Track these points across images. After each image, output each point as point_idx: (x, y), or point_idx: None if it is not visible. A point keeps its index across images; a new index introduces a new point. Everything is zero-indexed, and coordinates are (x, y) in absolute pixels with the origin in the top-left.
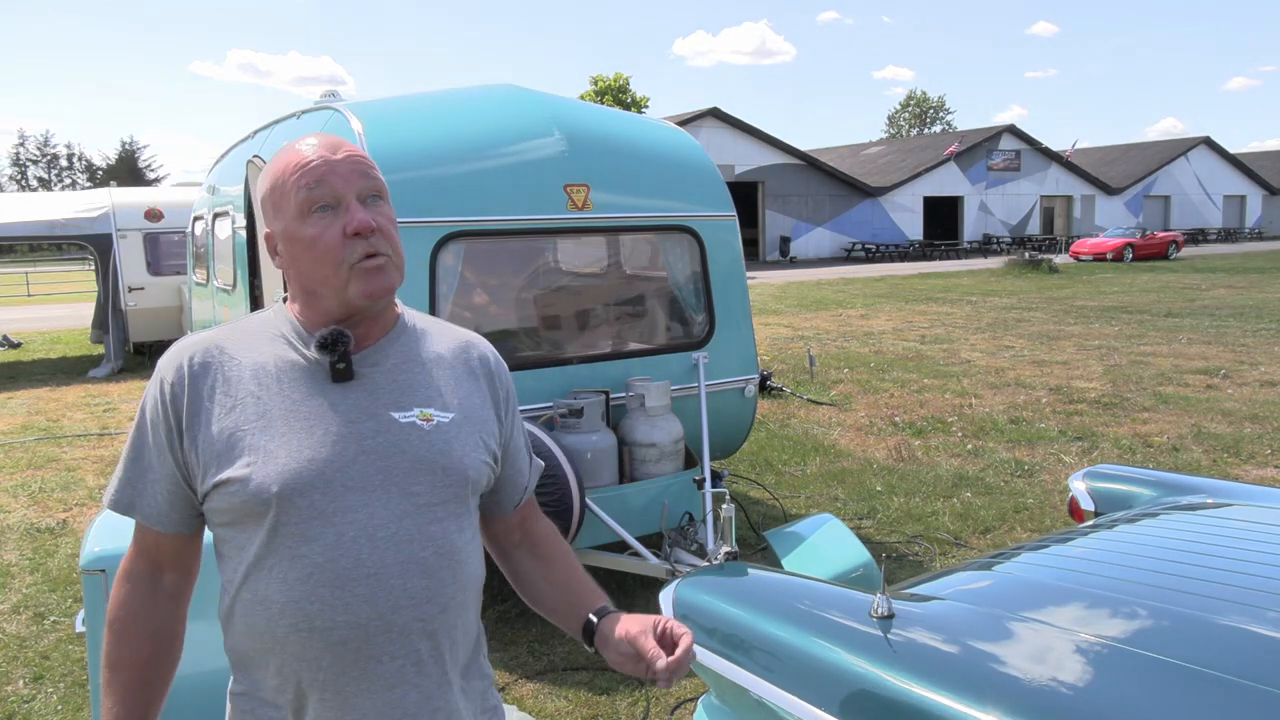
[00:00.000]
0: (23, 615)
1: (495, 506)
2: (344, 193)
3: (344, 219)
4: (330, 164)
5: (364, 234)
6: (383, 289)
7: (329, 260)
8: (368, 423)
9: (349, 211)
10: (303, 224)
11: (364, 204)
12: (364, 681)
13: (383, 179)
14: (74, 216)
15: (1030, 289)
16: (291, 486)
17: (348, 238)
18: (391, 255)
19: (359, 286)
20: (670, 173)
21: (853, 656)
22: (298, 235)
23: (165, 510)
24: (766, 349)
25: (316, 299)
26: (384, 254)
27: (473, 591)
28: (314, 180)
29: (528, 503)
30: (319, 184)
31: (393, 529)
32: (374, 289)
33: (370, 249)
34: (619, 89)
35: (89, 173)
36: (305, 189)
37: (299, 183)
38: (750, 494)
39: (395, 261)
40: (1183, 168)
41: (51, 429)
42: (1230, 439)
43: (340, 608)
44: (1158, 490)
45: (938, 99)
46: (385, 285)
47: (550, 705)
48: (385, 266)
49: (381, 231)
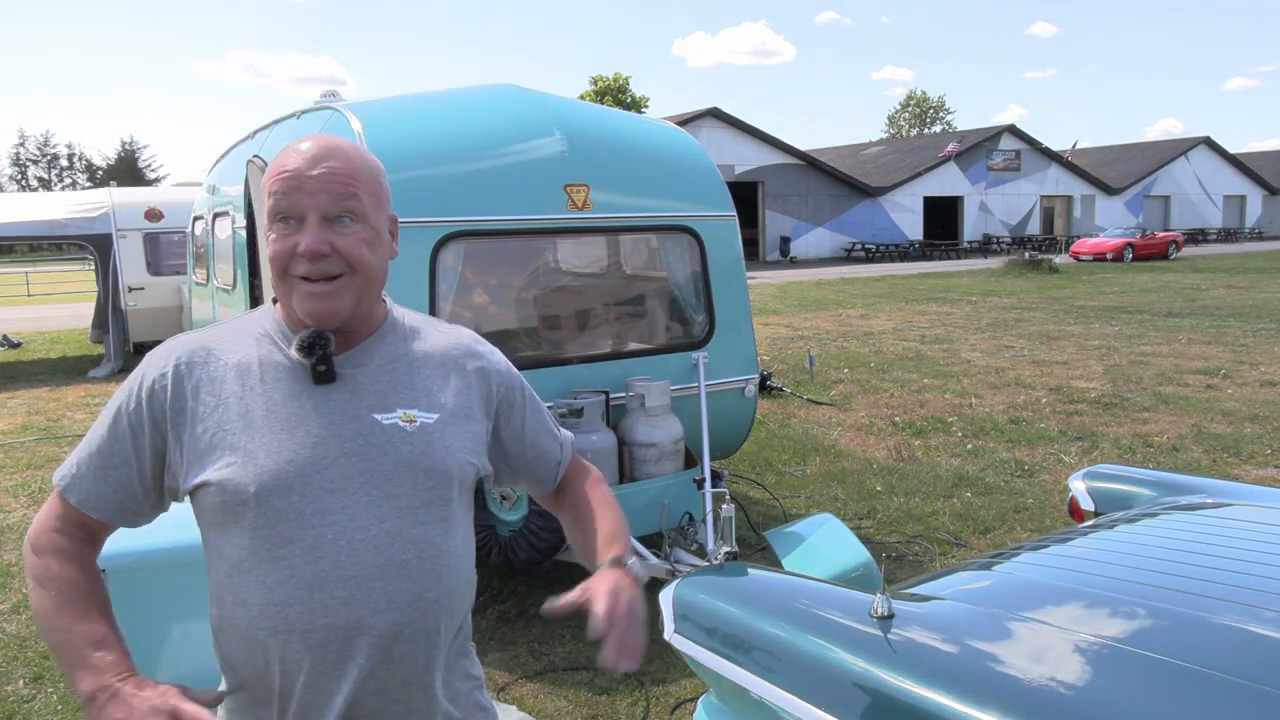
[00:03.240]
0: (23, 615)
1: (532, 487)
2: (306, 209)
3: (298, 237)
4: (301, 178)
5: (310, 258)
6: (325, 313)
7: (276, 267)
8: (349, 424)
9: (306, 231)
10: (270, 227)
11: (329, 223)
12: (344, 683)
13: (363, 196)
14: (74, 216)
15: (1030, 289)
16: (269, 488)
17: (297, 254)
18: (350, 276)
19: (302, 305)
20: (670, 173)
21: (853, 656)
22: (267, 236)
23: (107, 497)
24: (766, 349)
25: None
26: (335, 276)
27: (459, 594)
28: (282, 191)
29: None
30: (285, 195)
31: (373, 531)
32: (315, 310)
33: (314, 272)
34: (619, 89)
35: (89, 173)
36: (275, 195)
37: (271, 188)
38: (750, 494)
39: (354, 283)
40: (1183, 168)
41: (51, 429)
42: (1230, 439)
43: (319, 610)
44: (1158, 490)
45: (938, 99)
46: (327, 309)
47: (550, 705)
48: (331, 292)
49: (342, 254)
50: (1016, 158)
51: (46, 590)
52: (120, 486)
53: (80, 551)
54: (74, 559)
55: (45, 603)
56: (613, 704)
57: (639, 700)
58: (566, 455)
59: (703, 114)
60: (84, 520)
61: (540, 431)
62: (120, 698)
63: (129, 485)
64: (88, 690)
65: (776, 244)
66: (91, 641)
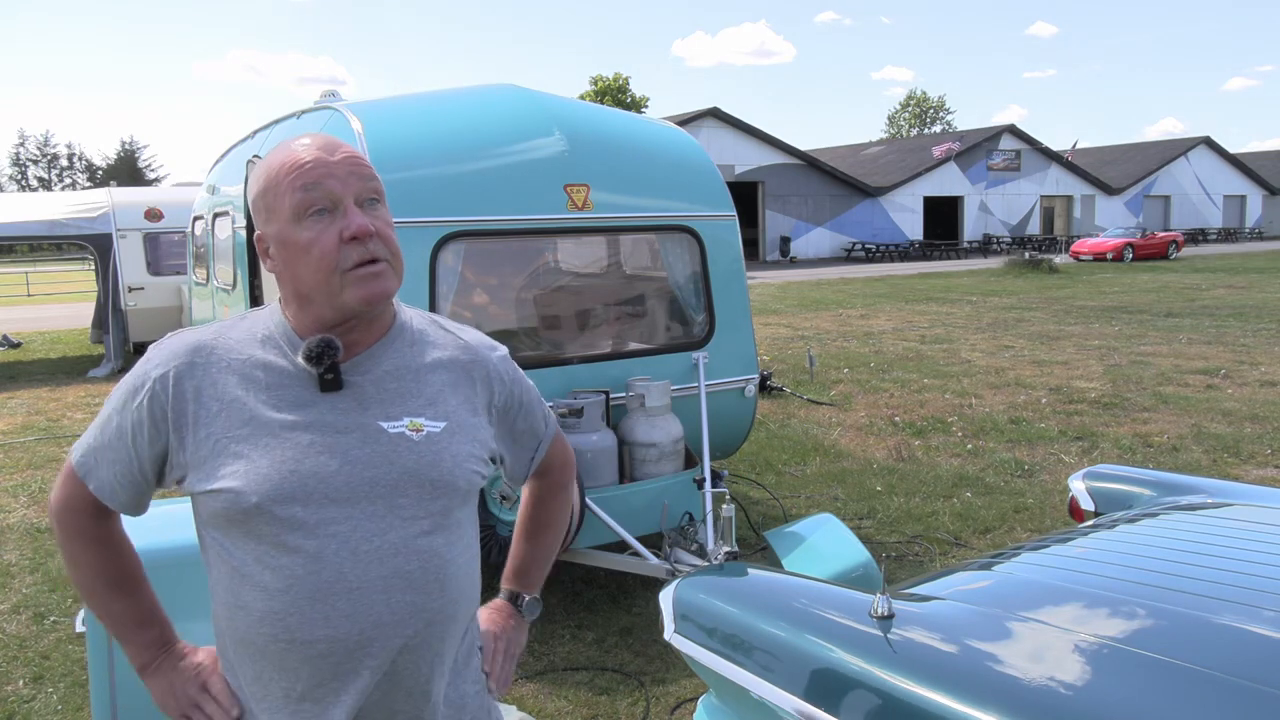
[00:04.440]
0: (23, 615)
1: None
2: (342, 195)
3: (341, 223)
4: (327, 165)
5: (362, 239)
6: (380, 295)
7: (324, 266)
8: (355, 433)
9: (346, 215)
10: (297, 227)
11: (361, 208)
12: (342, 694)
13: (381, 181)
14: (74, 216)
15: (1030, 289)
16: (272, 498)
17: (344, 242)
18: (390, 260)
19: (356, 292)
20: (670, 173)
21: (852, 656)
22: (292, 239)
23: (115, 489)
24: (766, 349)
25: (309, 304)
26: (382, 259)
27: (463, 605)
28: (310, 182)
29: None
30: (315, 186)
31: (377, 543)
32: (371, 294)
33: (368, 254)
34: (619, 89)
35: (89, 173)
36: (301, 190)
37: (294, 184)
38: (750, 494)
39: (394, 266)
40: (1183, 168)
41: (51, 429)
42: (1230, 439)
43: (321, 622)
44: (1157, 490)
45: (938, 99)
46: (383, 291)
47: (550, 705)
48: (383, 273)
49: (380, 236)
50: (1016, 158)
51: (80, 571)
52: (127, 479)
53: (102, 531)
54: (97, 540)
55: (83, 583)
56: (613, 704)
57: (639, 700)
58: (543, 450)
59: (703, 114)
60: (99, 502)
61: (525, 433)
62: (161, 672)
63: (136, 483)
64: (137, 664)
65: (776, 244)
66: (131, 619)
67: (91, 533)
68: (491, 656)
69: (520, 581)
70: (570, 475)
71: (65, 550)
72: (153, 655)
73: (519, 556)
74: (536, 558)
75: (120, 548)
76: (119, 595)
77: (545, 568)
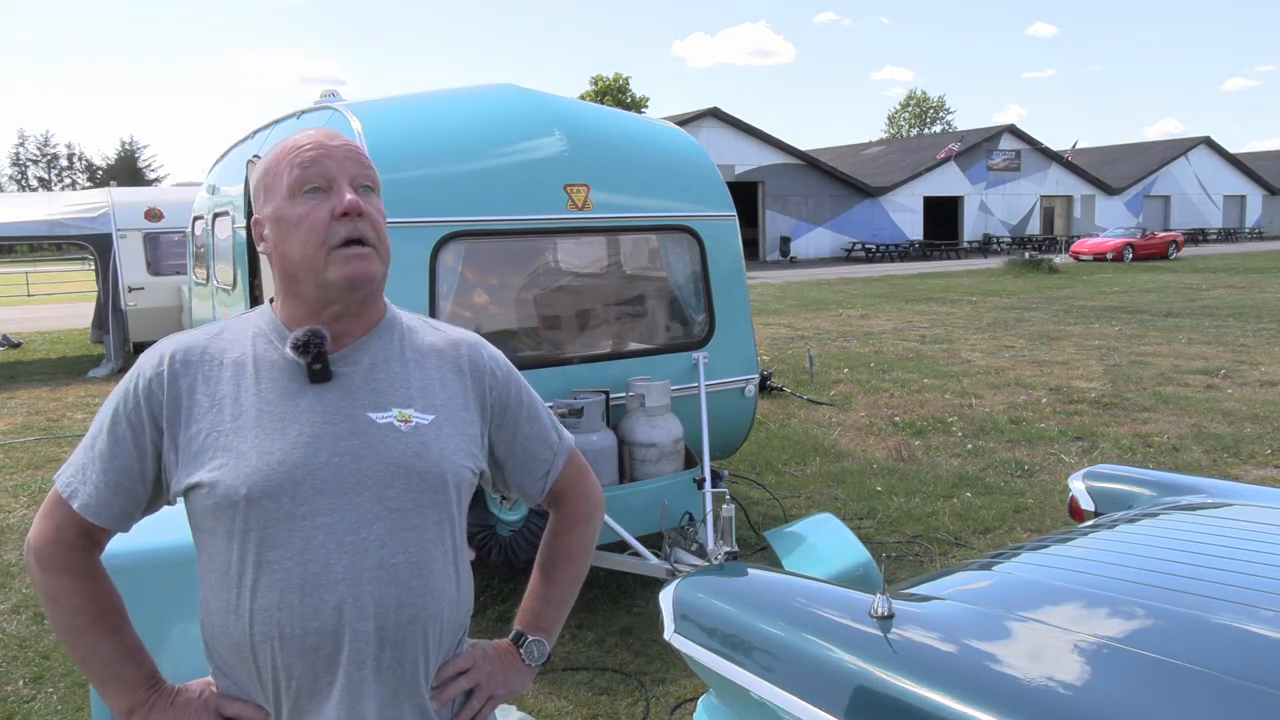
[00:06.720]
0: (23, 615)
1: (522, 497)
2: (337, 176)
3: (333, 201)
4: (326, 148)
5: (351, 215)
6: (362, 275)
7: (313, 239)
8: (343, 424)
9: (339, 194)
10: (292, 203)
11: (355, 191)
12: (334, 688)
13: (376, 173)
14: (74, 216)
15: (1030, 289)
16: (260, 489)
17: (335, 219)
18: (376, 246)
19: (339, 270)
20: (670, 173)
21: (852, 656)
22: (285, 215)
23: (108, 501)
24: (766, 349)
25: (297, 285)
26: (369, 243)
27: (447, 605)
28: (308, 161)
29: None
30: (312, 164)
31: (363, 534)
32: (354, 274)
33: (355, 232)
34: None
35: (89, 173)
36: (299, 168)
37: (292, 163)
38: (750, 494)
39: (380, 253)
40: (1183, 168)
41: (51, 429)
42: (1230, 439)
43: (310, 615)
44: (1157, 490)
45: (938, 99)
46: (365, 272)
47: (550, 705)
48: (368, 255)
49: (369, 219)
50: (1016, 158)
51: (62, 609)
52: (124, 491)
53: (88, 562)
54: (84, 573)
55: (63, 621)
56: (613, 704)
57: (639, 700)
58: (557, 467)
59: (703, 114)
60: (87, 527)
61: (532, 439)
62: (157, 710)
63: (132, 489)
64: (124, 707)
65: (776, 244)
66: (118, 657)
67: (77, 566)
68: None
69: (528, 621)
70: (591, 510)
71: (45, 589)
72: (144, 695)
73: (532, 594)
74: (549, 598)
75: (104, 580)
76: (105, 632)
77: (559, 611)
